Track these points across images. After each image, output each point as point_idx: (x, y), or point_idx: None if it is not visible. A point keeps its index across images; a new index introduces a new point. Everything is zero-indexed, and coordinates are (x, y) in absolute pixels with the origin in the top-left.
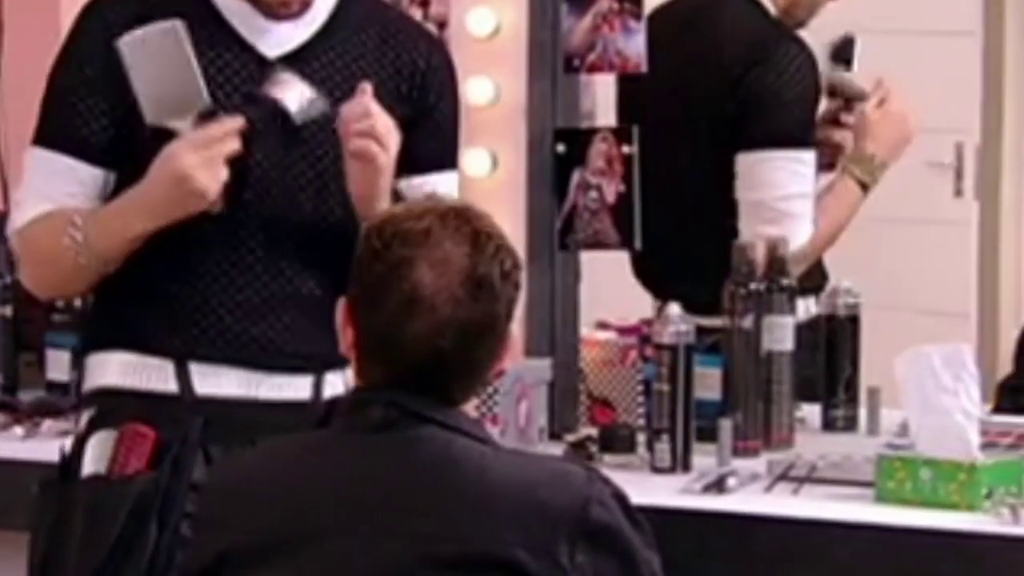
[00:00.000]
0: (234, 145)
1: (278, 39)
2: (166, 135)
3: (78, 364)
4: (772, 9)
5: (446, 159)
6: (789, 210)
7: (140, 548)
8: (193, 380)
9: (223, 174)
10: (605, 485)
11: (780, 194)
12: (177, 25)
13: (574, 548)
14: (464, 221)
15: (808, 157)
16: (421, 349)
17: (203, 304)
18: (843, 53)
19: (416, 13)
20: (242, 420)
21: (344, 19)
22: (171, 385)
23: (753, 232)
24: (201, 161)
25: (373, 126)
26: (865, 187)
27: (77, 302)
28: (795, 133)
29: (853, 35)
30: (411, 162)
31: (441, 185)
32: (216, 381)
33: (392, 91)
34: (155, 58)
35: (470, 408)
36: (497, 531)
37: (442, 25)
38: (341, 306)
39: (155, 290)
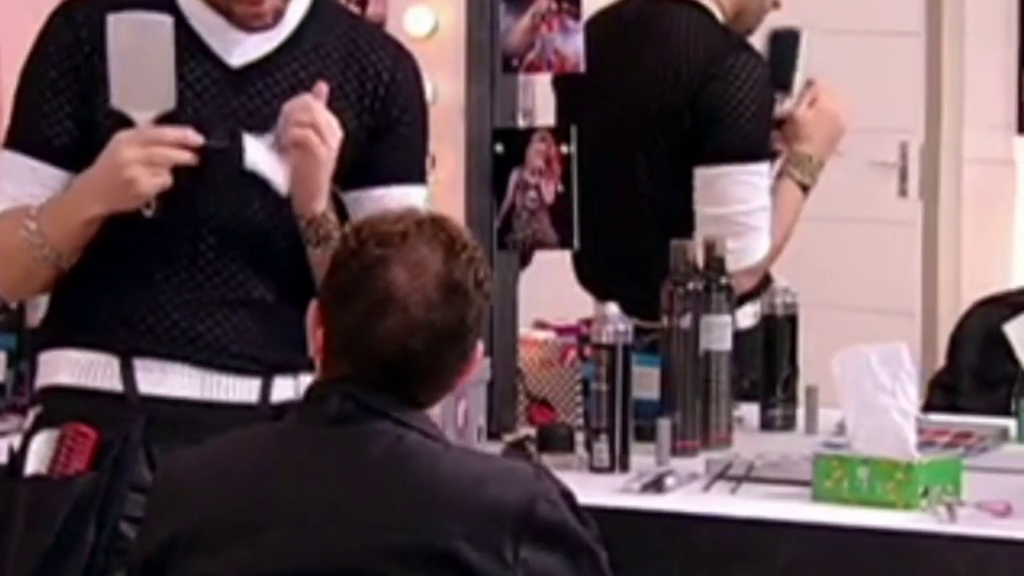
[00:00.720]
0: (184, 156)
1: (243, 49)
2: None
3: (12, 364)
4: (720, 17)
5: (411, 173)
6: (753, 224)
7: (79, 549)
8: (138, 378)
9: (165, 179)
10: (553, 483)
11: (743, 208)
12: (168, 21)
13: (519, 544)
14: (440, 228)
15: (765, 169)
16: (391, 348)
17: (151, 300)
18: (782, 74)
19: (355, 11)
20: (186, 421)
21: (311, 30)
22: (116, 384)
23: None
24: (144, 157)
25: (314, 118)
26: (805, 188)
27: (13, 304)
28: (754, 146)
29: (798, 30)
30: (371, 174)
31: (404, 199)
32: (162, 379)
33: (355, 103)
34: (138, 44)
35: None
36: (442, 524)
37: (380, 24)
38: (312, 308)
39: (107, 286)
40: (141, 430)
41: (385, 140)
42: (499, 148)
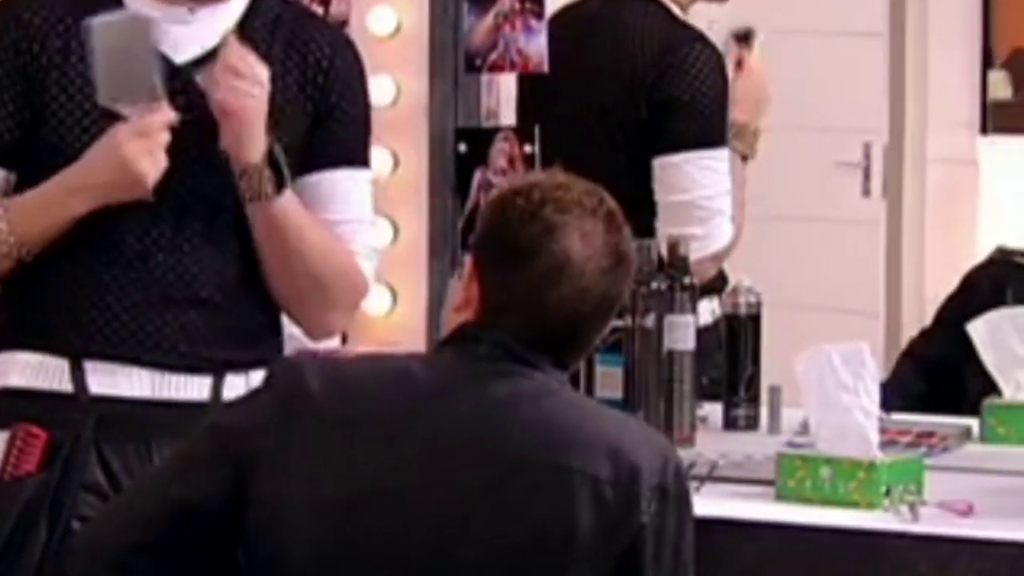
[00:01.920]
0: (168, 136)
1: (187, 45)
2: (74, 137)
3: None
4: (676, 10)
5: (353, 156)
6: (717, 208)
7: (30, 549)
8: (88, 379)
9: (163, 162)
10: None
11: (706, 193)
12: (147, 17)
13: (653, 496)
14: (600, 201)
15: (725, 155)
16: (563, 313)
17: (100, 301)
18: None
19: (316, 11)
20: (137, 420)
21: (254, 22)
22: (67, 385)
23: (678, 233)
24: (146, 148)
25: (251, 71)
26: (744, 158)
27: None
28: (712, 132)
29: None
30: (313, 160)
31: (348, 181)
32: (112, 380)
33: (297, 92)
34: (120, 43)
35: None
36: (584, 459)
37: (343, 24)
38: (467, 261)
39: (57, 288)
40: (92, 430)
41: (325, 126)
42: (462, 148)
